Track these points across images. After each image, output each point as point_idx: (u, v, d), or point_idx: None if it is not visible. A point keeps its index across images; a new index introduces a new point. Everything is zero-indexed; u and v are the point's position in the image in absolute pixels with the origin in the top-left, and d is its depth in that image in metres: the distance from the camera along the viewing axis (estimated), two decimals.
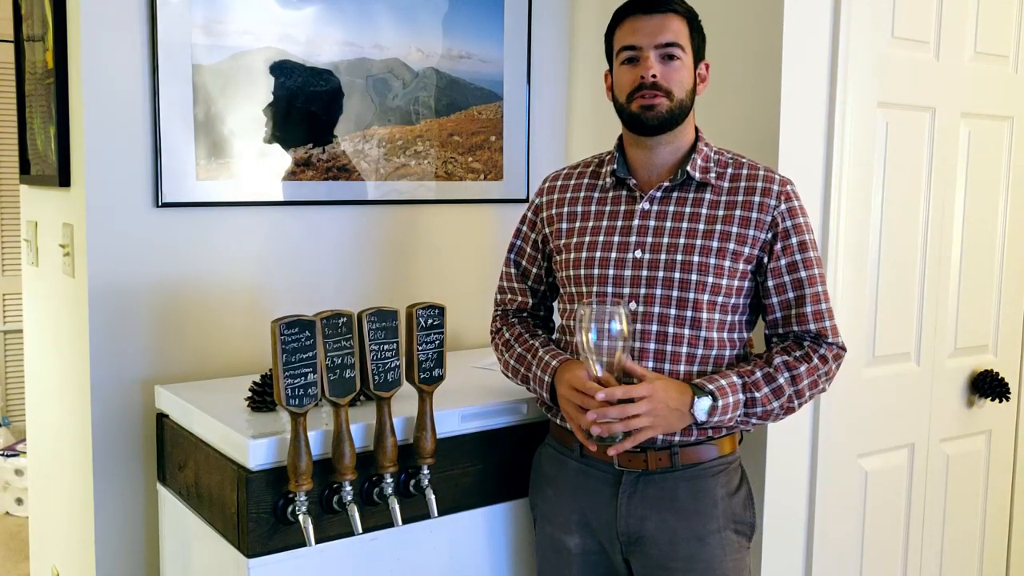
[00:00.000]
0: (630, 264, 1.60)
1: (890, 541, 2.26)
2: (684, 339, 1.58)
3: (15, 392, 4.76)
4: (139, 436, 2.01)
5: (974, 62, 2.26)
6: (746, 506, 1.67)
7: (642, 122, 1.58)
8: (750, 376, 1.57)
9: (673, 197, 1.62)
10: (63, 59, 2.00)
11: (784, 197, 1.60)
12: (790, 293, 1.60)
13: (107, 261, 1.95)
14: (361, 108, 2.20)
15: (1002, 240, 2.41)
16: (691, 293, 1.57)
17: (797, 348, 1.60)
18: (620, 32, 1.60)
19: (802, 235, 1.60)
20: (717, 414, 1.53)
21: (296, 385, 1.49)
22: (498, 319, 1.82)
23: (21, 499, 4.20)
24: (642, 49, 1.56)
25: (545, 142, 2.51)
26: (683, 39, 1.57)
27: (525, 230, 1.80)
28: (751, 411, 1.56)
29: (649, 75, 1.55)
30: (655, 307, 1.58)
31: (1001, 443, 2.49)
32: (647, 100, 1.56)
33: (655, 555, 1.61)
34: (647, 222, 1.61)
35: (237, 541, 1.56)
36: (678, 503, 1.61)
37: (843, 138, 1.99)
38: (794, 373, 1.57)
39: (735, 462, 1.67)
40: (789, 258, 1.60)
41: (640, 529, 1.62)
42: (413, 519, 1.68)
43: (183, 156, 1.99)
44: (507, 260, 1.81)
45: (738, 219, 1.58)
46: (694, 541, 1.60)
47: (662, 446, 1.60)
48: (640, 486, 1.62)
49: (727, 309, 1.60)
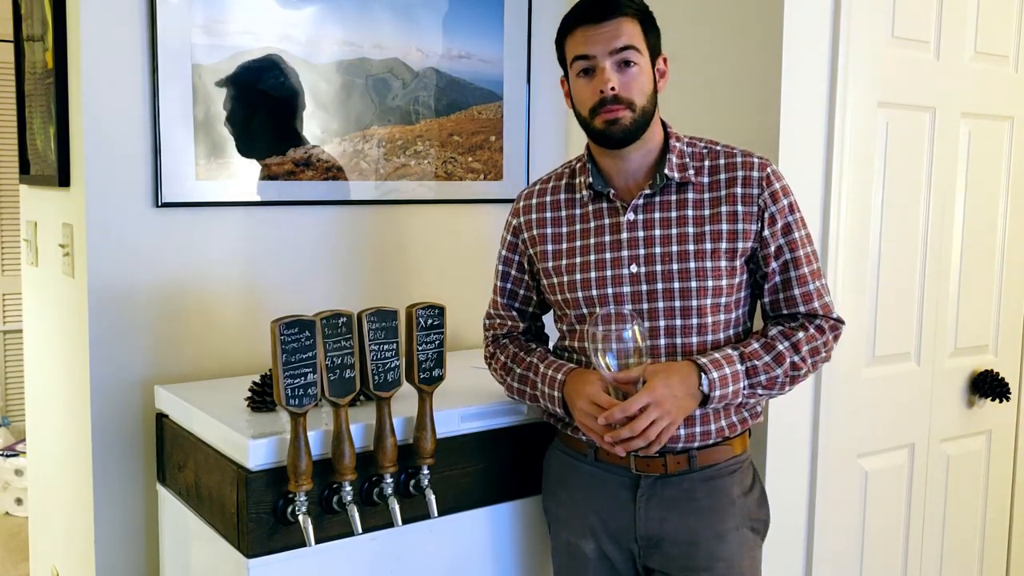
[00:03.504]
0: (627, 280, 1.57)
1: (890, 541, 2.26)
2: (693, 347, 1.56)
3: (15, 392, 4.76)
4: (139, 436, 2.01)
5: (974, 62, 2.26)
6: (760, 504, 1.68)
7: (608, 137, 1.54)
8: (747, 346, 1.56)
9: (656, 203, 1.58)
10: (63, 59, 2.00)
11: (766, 182, 1.57)
12: (778, 277, 1.60)
13: (107, 261, 1.95)
14: (361, 108, 2.20)
15: (1002, 240, 2.41)
16: (694, 300, 1.55)
17: (792, 321, 1.60)
18: (571, 41, 1.54)
19: (786, 217, 1.58)
20: (719, 387, 1.51)
21: (296, 385, 1.49)
22: (490, 344, 1.79)
23: (21, 499, 4.20)
24: (596, 59, 1.51)
25: (545, 142, 2.51)
26: (638, 41, 1.52)
27: (506, 254, 1.75)
28: (755, 380, 1.54)
29: (608, 88, 1.50)
30: (660, 320, 1.56)
31: (1001, 443, 2.49)
32: (611, 115, 1.51)
33: (676, 556, 1.61)
34: (636, 234, 1.58)
35: (237, 541, 1.56)
36: (696, 503, 1.60)
37: (843, 138, 1.99)
38: (793, 340, 1.56)
39: (747, 461, 1.67)
40: (776, 243, 1.58)
41: (660, 531, 1.61)
42: (413, 519, 1.68)
43: (183, 156, 1.99)
44: (495, 287, 1.78)
45: (726, 215, 1.56)
46: (715, 540, 1.60)
47: (681, 450, 1.59)
48: (658, 488, 1.61)
49: (730, 307, 1.59)
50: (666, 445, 1.57)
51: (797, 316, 1.61)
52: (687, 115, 2.06)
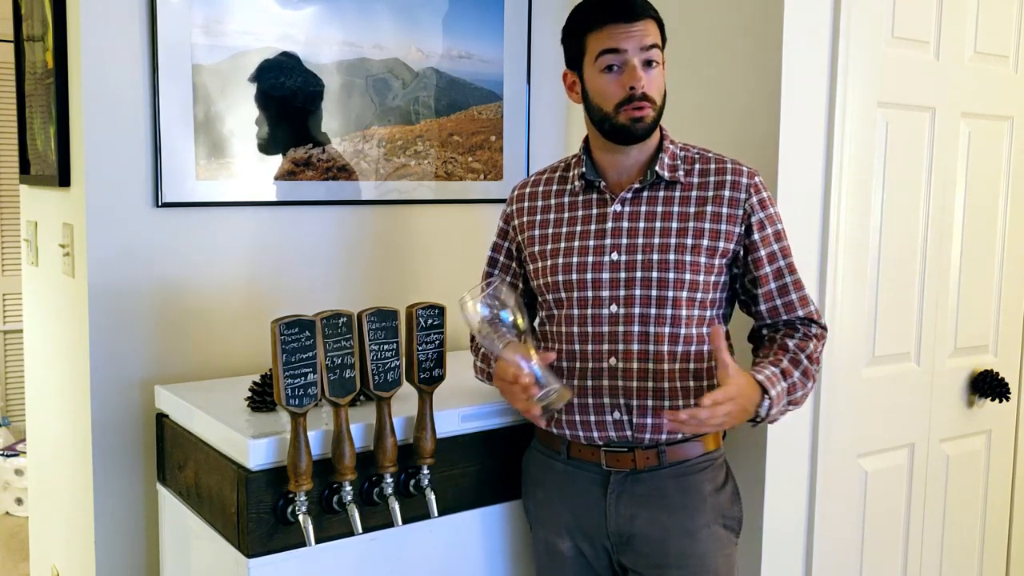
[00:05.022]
0: (607, 267, 1.60)
1: (890, 541, 2.26)
2: (665, 337, 1.58)
3: (15, 392, 4.77)
4: (139, 436, 2.01)
5: (974, 62, 2.26)
6: (733, 501, 1.68)
7: (631, 133, 1.57)
8: (778, 362, 1.57)
9: (644, 197, 1.62)
10: (63, 59, 2.00)
11: (753, 189, 1.61)
12: (773, 283, 1.62)
13: (107, 261, 1.95)
14: (361, 108, 2.20)
15: (1002, 240, 2.41)
16: (670, 291, 1.58)
17: (795, 332, 1.63)
18: (598, 36, 1.55)
19: (775, 224, 1.62)
20: (775, 405, 1.52)
21: (296, 385, 1.49)
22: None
23: (21, 499, 4.20)
24: (628, 55, 1.53)
25: (545, 142, 2.51)
26: (659, 41, 1.57)
27: (497, 240, 1.80)
28: (792, 397, 1.57)
29: (640, 86, 1.53)
30: (635, 308, 1.59)
31: (1001, 443, 2.49)
32: (638, 112, 1.55)
33: (647, 553, 1.62)
34: (620, 224, 1.61)
35: (237, 541, 1.56)
36: (667, 500, 1.61)
37: (843, 138, 1.99)
38: (808, 353, 1.60)
39: (720, 458, 1.68)
40: (768, 248, 1.61)
41: (630, 528, 1.62)
42: (413, 519, 1.68)
43: (183, 156, 1.99)
44: (484, 274, 1.80)
45: (710, 215, 1.59)
46: (685, 537, 1.61)
47: (649, 444, 1.60)
48: (628, 485, 1.62)
49: (704, 305, 1.61)
50: (634, 436, 1.59)
51: (795, 323, 1.63)
52: (686, 115, 2.06)
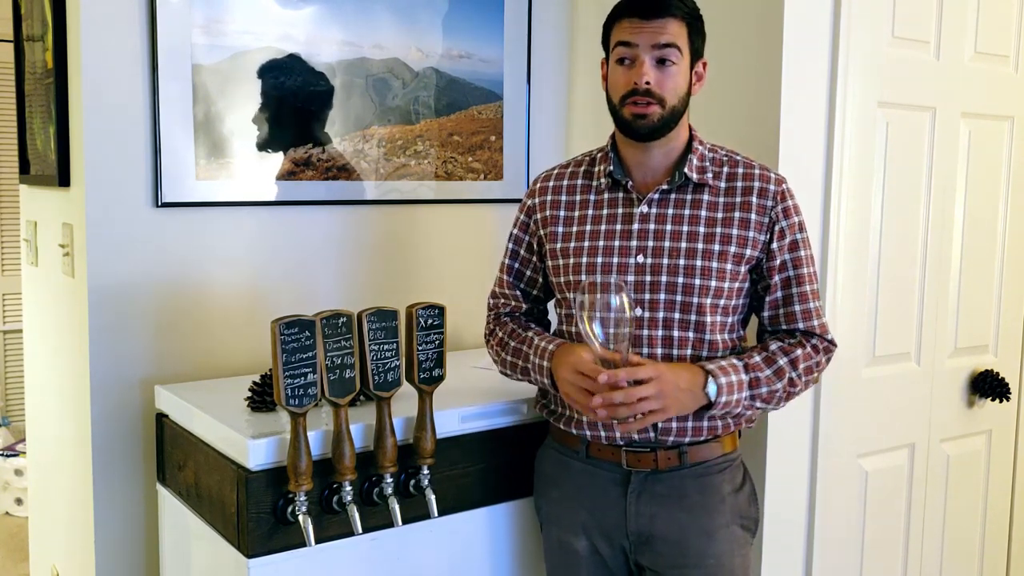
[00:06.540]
0: (633, 269, 1.59)
1: (890, 541, 2.26)
2: (689, 342, 1.58)
3: (15, 392, 4.76)
4: (139, 436, 2.01)
5: (974, 62, 2.26)
6: (750, 502, 1.69)
7: (634, 129, 1.57)
8: (750, 358, 1.57)
9: (671, 199, 1.60)
10: (63, 59, 2.00)
11: (780, 197, 1.60)
12: (780, 292, 1.62)
13: (107, 261, 1.95)
14: (361, 108, 2.20)
15: (1002, 240, 2.41)
16: (695, 297, 1.57)
17: (790, 337, 1.62)
18: (618, 28, 1.57)
19: (795, 234, 1.61)
20: (724, 393, 1.52)
21: (296, 385, 1.49)
22: (491, 321, 1.80)
23: (21, 499, 4.20)
24: (638, 49, 1.53)
25: (545, 142, 2.51)
26: (681, 41, 1.54)
27: (518, 233, 1.77)
28: (756, 392, 1.56)
29: (643, 82, 1.52)
30: (660, 312, 1.58)
31: (1001, 443, 2.49)
32: (639, 108, 1.54)
33: (666, 553, 1.62)
34: (647, 226, 1.60)
35: (237, 541, 1.56)
36: (687, 500, 1.61)
37: (843, 138, 1.99)
38: (791, 356, 1.58)
39: (737, 459, 1.69)
40: (782, 257, 1.61)
41: (650, 528, 1.62)
42: (413, 519, 1.68)
43: (183, 156, 1.99)
44: (502, 265, 1.79)
45: (737, 221, 1.58)
46: (704, 537, 1.61)
47: (672, 445, 1.60)
48: (649, 485, 1.62)
49: (728, 311, 1.61)
50: (657, 439, 1.58)
51: (795, 333, 1.63)
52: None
